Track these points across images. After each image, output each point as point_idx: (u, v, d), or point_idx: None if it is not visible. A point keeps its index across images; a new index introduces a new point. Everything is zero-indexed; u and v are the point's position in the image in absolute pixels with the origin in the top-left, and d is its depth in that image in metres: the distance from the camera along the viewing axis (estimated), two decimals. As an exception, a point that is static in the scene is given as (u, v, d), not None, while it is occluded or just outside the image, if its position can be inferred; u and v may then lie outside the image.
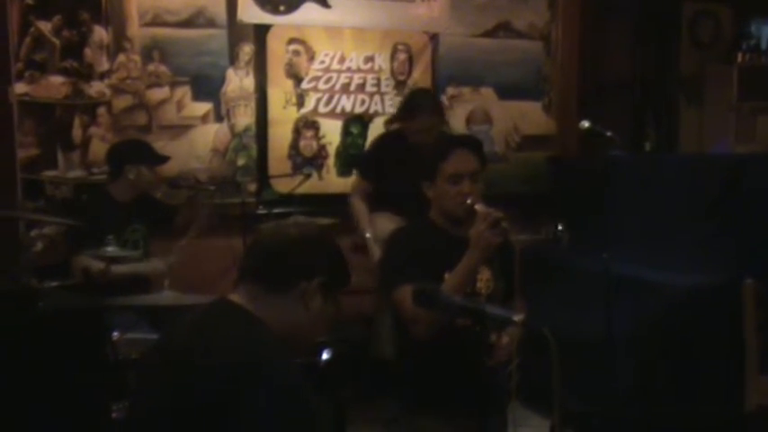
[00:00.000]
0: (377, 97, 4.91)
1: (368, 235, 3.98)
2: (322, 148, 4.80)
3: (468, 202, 2.38)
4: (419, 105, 3.90)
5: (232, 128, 4.57)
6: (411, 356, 2.48)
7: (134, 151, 3.77)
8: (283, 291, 1.66)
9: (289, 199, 4.59)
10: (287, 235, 1.75)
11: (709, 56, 5.87)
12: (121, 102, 4.30)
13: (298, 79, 4.70)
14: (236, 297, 1.68)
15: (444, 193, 2.44)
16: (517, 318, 1.77)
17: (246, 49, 4.57)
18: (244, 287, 1.69)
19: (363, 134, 4.90)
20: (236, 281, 1.71)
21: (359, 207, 4.08)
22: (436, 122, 3.92)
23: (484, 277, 2.42)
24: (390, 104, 4.93)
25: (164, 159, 3.83)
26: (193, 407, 1.48)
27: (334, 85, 4.79)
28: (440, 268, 2.36)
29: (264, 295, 1.66)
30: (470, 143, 2.55)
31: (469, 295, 2.35)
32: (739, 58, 5.69)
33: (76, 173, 4.21)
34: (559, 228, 3.19)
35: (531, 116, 5.27)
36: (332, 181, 4.84)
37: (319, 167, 4.80)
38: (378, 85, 4.91)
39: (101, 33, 4.23)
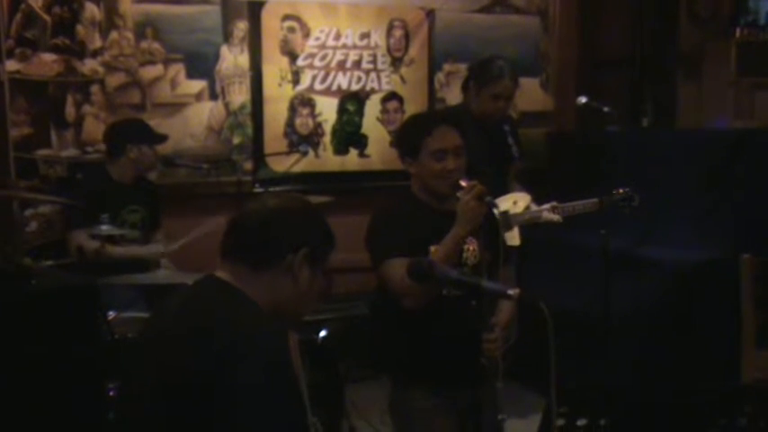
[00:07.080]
0: (373, 74, 4.87)
1: None
2: (318, 125, 4.77)
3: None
4: (501, 68, 3.62)
5: (227, 106, 4.53)
6: (399, 329, 2.51)
7: (135, 130, 3.77)
8: (269, 266, 1.61)
9: (285, 177, 4.58)
10: (267, 208, 1.68)
11: (708, 31, 5.82)
12: (115, 79, 4.25)
13: (293, 56, 4.65)
14: (222, 274, 1.63)
15: (428, 170, 2.44)
16: (512, 292, 1.76)
17: (241, 26, 4.51)
18: (227, 265, 1.63)
19: (360, 111, 4.87)
20: (220, 258, 1.65)
21: None
22: (514, 90, 3.69)
23: (470, 248, 2.46)
24: (387, 81, 4.90)
25: (163, 138, 3.83)
26: (182, 385, 1.46)
27: (329, 63, 4.74)
28: (425, 242, 2.39)
29: (250, 272, 1.61)
30: (451, 119, 2.56)
31: (455, 266, 2.36)
32: (738, 34, 5.64)
33: (70, 152, 4.18)
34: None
35: (528, 92, 5.23)
36: (328, 159, 4.82)
37: (315, 145, 4.77)
38: (374, 61, 4.86)
39: (92, 10, 4.17)
